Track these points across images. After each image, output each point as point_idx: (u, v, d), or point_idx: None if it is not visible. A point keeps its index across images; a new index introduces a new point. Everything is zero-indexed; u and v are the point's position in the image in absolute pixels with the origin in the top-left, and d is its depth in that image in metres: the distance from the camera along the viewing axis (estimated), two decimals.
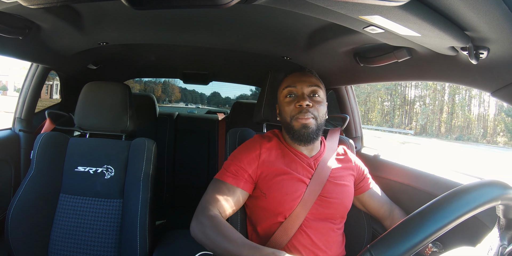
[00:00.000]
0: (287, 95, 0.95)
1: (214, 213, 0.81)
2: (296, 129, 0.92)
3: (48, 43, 1.18)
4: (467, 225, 0.62)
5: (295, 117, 0.92)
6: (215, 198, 0.85)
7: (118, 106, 1.22)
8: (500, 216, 0.56)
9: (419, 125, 21.58)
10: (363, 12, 0.61)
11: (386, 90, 21.56)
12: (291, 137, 0.95)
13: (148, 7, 0.51)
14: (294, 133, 0.92)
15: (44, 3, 0.54)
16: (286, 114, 0.94)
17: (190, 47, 1.51)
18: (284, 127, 0.98)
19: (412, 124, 21.65)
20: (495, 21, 0.56)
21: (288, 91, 0.95)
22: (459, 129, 20.83)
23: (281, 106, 0.98)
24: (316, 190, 0.90)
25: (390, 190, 1.10)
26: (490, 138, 19.66)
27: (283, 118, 0.96)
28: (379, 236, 0.47)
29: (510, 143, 18.71)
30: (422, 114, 21.43)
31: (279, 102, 1.00)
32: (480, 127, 20.20)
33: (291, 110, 0.93)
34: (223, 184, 0.88)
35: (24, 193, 1.08)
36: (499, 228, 0.56)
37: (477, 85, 0.82)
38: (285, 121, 0.96)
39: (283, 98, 0.96)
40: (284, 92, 0.96)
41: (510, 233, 0.56)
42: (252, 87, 3.21)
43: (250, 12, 1.00)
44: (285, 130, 0.98)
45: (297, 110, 0.92)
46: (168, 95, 4.20)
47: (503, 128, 19.43)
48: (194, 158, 2.23)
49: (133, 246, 1.06)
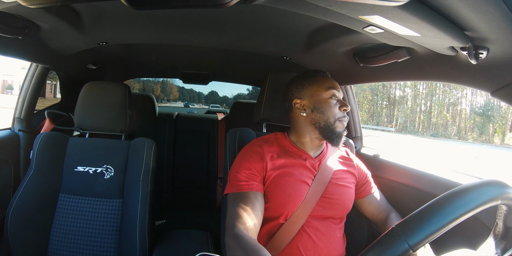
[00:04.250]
0: (331, 97, 0.95)
1: (239, 231, 0.76)
2: (338, 130, 0.93)
3: (48, 43, 1.18)
4: (467, 225, 0.62)
5: (340, 119, 0.94)
6: (237, 214, 0.81)
7: (118, 106, 1.22)
8: (499, 222, 0.55)
9: (400, 124, 24.29)
10: (363, 12, 0.61)
11: (371, 91, 23.69)
12: (326, 137, 0.93)
13: (147, 7, 0.51)
14: (334, 134, 0.93)
15: (44, 3, 0.54)
16: (331, 114, 0.93)
17: (190, 47, 1.51)
18: (319, 126, 0.94)
19: (393, 122, 24.44)
20: (494, 21, 0.56)
21: (333, 93, 0.95)
22: (436, 126, 23.43)
23: (323, 105, 0.94)
24: (319, 191, 0.90)
25: (390, 190, 1.10)
26: (461, 135, 22.35)
27: (324, 117, 0.93)
28: (407, 216, 0.48)
29: (478, 139, 20.89)
30: (401, 113, 24.08)
31: (317, 100, 0.95)
32: (453, 125, 22.95)
33: (338, 112, 0.94)
34: (240, 196, 0.86)
35: (24, 193, 1.08)
36: (495, 237, 0.56)
37: (476, 85, 0.82)
38: (326, 121, 0.93)
39: (327, 98, 0.94)
40: (328, 93, 0.95)
41: (504, 243, 0.56)
42: (249, 86, 3.23)
43: (250, 12, 1.00)
44: (320, 129, 0.94)
45: (341, 114, 0.94)
46: (167, 94, 4.21)
47: (472, 125, 21.99)
48: (194, 158, 2.23)
49: (133, 246, 1.06)
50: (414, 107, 24.07)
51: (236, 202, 0.84)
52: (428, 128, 23.55)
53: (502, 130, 20.86)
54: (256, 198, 0.85)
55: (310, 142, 0.96)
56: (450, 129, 22.87)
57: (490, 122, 21.07)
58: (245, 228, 0.77)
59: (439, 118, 23.46)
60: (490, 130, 21.03)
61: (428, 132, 23.15)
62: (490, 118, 21.20)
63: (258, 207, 0.84)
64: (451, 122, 22.93)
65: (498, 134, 20.90)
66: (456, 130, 22.71)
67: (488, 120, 21.23)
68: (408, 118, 23.91)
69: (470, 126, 22.27)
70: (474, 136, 21.78)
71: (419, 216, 0.47)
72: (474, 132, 21.92)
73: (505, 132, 20.92)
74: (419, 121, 23.87)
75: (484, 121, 21.42)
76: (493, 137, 20.92)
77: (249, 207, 0.82)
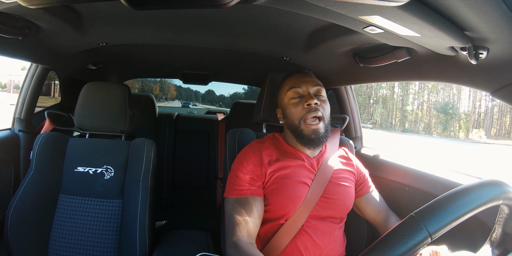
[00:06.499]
0: (292, 97, 0.92)
1: (239, 240, 0.78)
2: (305, 133, 0.89)
3: (48, 43, 1.18)
4: (467, 226, 0.62)
5: (304, 119, 0.89)
6: (236, 220, 0.82)
7: (118, 106, 1.22)
8: (498, 228, 0.55)
9: (376, 121, 27.45)
10: (363, 12, 0.61)
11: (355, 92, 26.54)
12: (299, 141, 0.92)
13: (147, 7, 0.51)
14: (304, 138, 0.90)
15: (44, 3, 0.54)
16: (294, 116, 0.91)
17: (190, 47, 1.51)
18: (291, 130, 0.94)
19: (371, 119, 27.50)
20: (494, 21, 0.56)
21: (294, 92, 0.92)
22: (409, 123, 26.82)
23: (286, 109, 0.94)
24: (318, 191, 0.90)
25: (390, 190, 1.10)
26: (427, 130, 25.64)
27: (290, 120, 0.93)
28: (425, 205, 0.48)
29: (442, 133, 24.53)
30: (376, 111, 26.87)
31: (282, 105, 0.96)
32: (421, 121, 26.34)
33: (299, 112, 0.90)
34: (239, 201, 0.86)
35: (24, 193, 1.08)
36: (491, 244, 0.56)
37: (476, 85, 0.82)
38: (292, 124, 0.92)
39: (288, 100, 0.93)
40: (289, 94, 0.93)
41: (500, 250, 0.56)
42: (245, 85, 3.26)
43: (249, 12, 1.00)
44: (292, 134, 0.94)
45: (305, 111, 0.89)
46: (164, 93, 4.26)
47: (437, 122, 25.39)
48: (194, 158, 2.23)
49: (133, 247, 1.06)
50: (389, 106, 27.05)
51: (236, 207, 0.85)
52: (400, 125, 27.02)
53: (467, 126, 24.40)
54: (255, 203, 0.86)
55: (297, 144, 0.95)
56: (419, 125, 26.09)
57: (452, 119, 24.67)
58: (244, 236, 0.79)
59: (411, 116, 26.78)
60: (455, 126, 24.31)
61: (399, 128, 26.45)
62: (452, 116, 24.73)
63: (257, 212, 0.85)
64: (420, 119, 26.19)
65: (463, 130, 24.22)
66: (423, 126, 26.03)
67: (451, 117, 24.70)
68: (383, 115, 26.94)
69: (436, 122, 25.66)
70: (438, 131, 24.74)
71: (437, 204, 0.47)
72: (439, 128, 25.09)
73: (469, 128, 24.32)
74: (394, 118, 27.26)
75: (447, 118, 24.63)
76: (458, 133, 24.08)
77: (248, 213, 0.83)
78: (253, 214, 0.84)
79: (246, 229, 0.81)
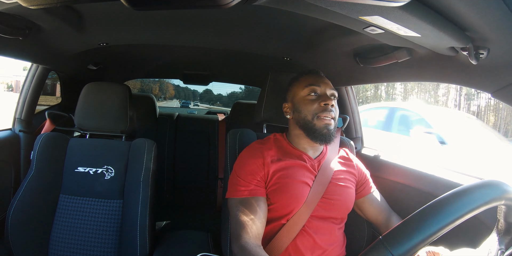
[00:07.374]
0: (309, 93, 0.93)
1: (245, 243, 0.77)
2: (317, 128, 0.90)
3: (48, 43, 1.18)
4: (467, 226, 0.62)
5: (318, 115, 0.90)
6: (242, 221, 0.81)
7: (118, 106, 1.22)
8: (501, 219, 0.55)
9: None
10: (363, 13, 0.61)
11: None
12: (309, 136, 0.92)
13: (148, 7, 0.51)
14: (315, 132, 0.90)
15: (44, 3, 0.54)
16: (308, 111, 0.91)
17: (191, 47, 1.51)
18: (300, 125, 0.94)
19: None
20: (495, 21, 0.56)
21: (311, 89, 0.92)
22: None
23: (300, 103, 0.93)
24: (319, 191, 0.90)
25: (390, 190, 1.10)
26: None
27: (302, 115, 0.92)
28: (391, 228, 0.48)
29: None
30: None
31: (295, 99, 0.95)
32: None
33: (315, 108, 0.90)
34: (243, 202, 0.86)
35: (24, 193, 1.08)
36: (498, 232, 0.56)
37: (477, 86, 0.82)
38: (304, 118, 0.92)
39: (305, 95, 0.93)
40: (306, 90, 0.93)
41: (508, 238, 0.56)
42: (242, 85, 3.29)
43: (250, 13, 1.00)
44: (301, 129, 0.94)
45: (321, 109, 0.90)
46: (163, 93, 4.28)
47: None
48: (194, 158, 2.23)
49: (133, 247, 1.06)
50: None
51: (239, 208, 0.84)
52: None
53: None
54: (259, 204, 0.85)
55: (305, 143, 0.95)
56: None
57: None
58: (251, 238, 0.78)
59: None
60: None
61: None
62: None
63: (262, 212, 0.85)
64: None
65: None
66: None
67: None
68: None
69: None
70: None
71: (403, 227, 0.47)
72: None
73: None
74: None
75: None
76: None
77: (252, 214, 0.83)
78: (258, 214, 0.83)
79: (253, 231, 0.80)
